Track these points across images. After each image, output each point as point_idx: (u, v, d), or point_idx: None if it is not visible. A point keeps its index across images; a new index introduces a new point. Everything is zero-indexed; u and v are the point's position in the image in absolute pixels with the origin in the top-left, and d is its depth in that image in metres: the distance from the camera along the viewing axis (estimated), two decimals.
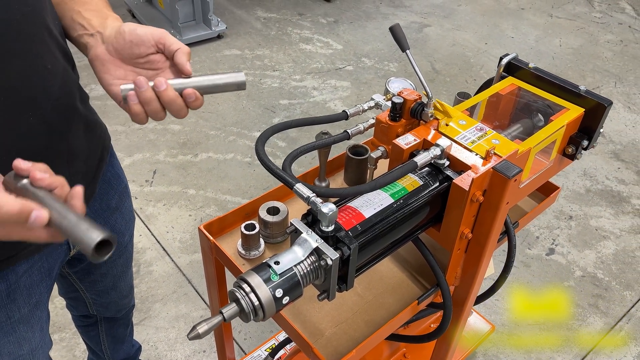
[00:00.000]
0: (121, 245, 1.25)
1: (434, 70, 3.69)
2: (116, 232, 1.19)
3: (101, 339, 1.55)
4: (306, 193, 0.87)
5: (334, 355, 0.99)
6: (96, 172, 1.05)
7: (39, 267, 1.00)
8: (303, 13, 4.32)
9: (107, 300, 1.40)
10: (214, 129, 3.02)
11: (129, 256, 1.34)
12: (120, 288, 1.40)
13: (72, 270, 1.24)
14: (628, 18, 4.50)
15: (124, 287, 1.42)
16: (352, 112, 1.14)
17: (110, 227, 1.16)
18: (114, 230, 1.18)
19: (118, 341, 1.60)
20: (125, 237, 1.25)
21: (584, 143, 1.17)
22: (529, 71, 1.23)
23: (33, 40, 0.82)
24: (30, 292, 1.00)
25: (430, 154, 0.97)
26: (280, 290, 0.83)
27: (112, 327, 1.54)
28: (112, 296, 1.40)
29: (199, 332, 0.78)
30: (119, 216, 1.18)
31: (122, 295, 1.43)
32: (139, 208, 2.50)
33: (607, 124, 3.24)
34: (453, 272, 1.12)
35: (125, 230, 1.24)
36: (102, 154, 1.07)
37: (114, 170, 1.14)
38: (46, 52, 0.85)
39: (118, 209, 1.17)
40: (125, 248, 1.28)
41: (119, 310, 1.48)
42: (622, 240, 2.47)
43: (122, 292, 1.42)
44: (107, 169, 1.11)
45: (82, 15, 0.90)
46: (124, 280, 1.38)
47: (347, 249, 0.84)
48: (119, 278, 1.36)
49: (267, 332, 1.98)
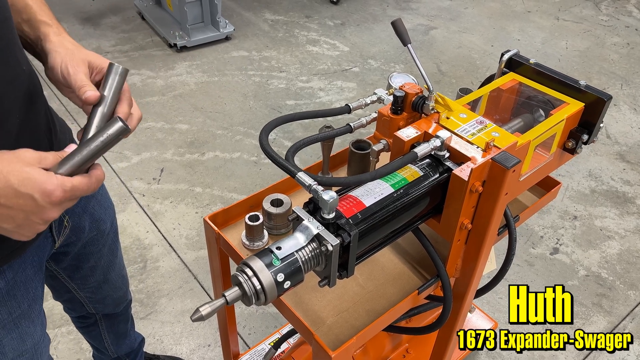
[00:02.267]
0: (103, 233, 1.25)
1: (440, 71, 3.70)
2: (95, 219, 1.19)
3: (103, 337, 1.57)
4: (308, 181, 0.89)
5: (335, 342, 1.01)
6: None
7: (31, 262, 1.01)
8: (310, 15, 4.36)
9: (102, 295, 1.40)
10: (221, 128, 3.05)
11: (114, 245, 1.33)
12: (112, 280, 1.39)
13: (60, 266, 1.23)
14: (635, 21, 4.49)
15: (116, 279, 1.41)
16: (354, 105, 1.16)
17: (89, 214, 1.16)
18: (93, 217, 1.18)
19: (120, 336, 1.61)
20: (106, 224, 1.24)
21: (584, 137, 1.19)
22: (530, 67, 1.25)
23: (15, 45, 0.84)
24: (27, 286, 1.01)
25: (430, 145, 0.99)
26: (282, 275, 0.85)
27: (112, 324, 1.55)
28: (105, 290, 1.40)
29: (202, 314, 0.80)
30: (96, 203, 1.19)
31: (115, 287, 1.43)
32: (147, 205, 2.53)
33: (613, 126, 3.24)
34: (453, 263, 1.13)
35: (106, 217, 1.24)
36: None
37: None
38: (22, 57, 0.87)
39: (93, 196, 1.17)
40: (108, 236, 1.28)
41: (117, 304, 1.48)
42: (626, 240, 2.47)
43: (114, 284, 1.41)
44: None
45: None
46: (113, 270, 1.38)
47: (347, 236, 0.86)
48: (108, 269, 1.35)
49: (271, 327, 2.00)
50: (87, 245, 1.22)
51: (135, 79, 3.45)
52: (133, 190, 2.61)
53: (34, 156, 0.73)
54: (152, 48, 3.80)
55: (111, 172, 2.72)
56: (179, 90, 3.37)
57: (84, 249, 1.22)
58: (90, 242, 1.21)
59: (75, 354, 1.91)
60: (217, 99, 3.31)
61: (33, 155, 0.73)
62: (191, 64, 3.64)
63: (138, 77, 3.46)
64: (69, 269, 1.26)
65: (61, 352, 1.91)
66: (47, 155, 0.75)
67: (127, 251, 2.29)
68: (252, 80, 3.49)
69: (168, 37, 3.76)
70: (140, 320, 2.02)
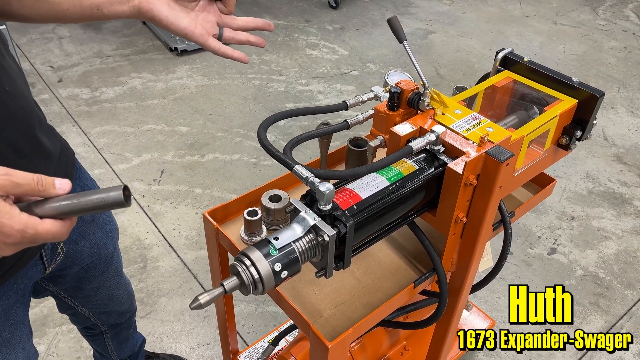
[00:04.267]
0: (106, 257, 1.24)
1: (439, 75, 3.73)
2: (96, 244, 1.18)
3: (107, 345, 1.57)
4: (305, 174, 0.91)
5: (332, 334, 1.02)
6: None
7: (15, 289, 0.99)
8: (310, 20, 4.39)
9: (107, 310, 1.40)
10: (221, 130, 3.07)
11: (118, 266, 1.33)
12: (117, 297, 1.39)
13: (58, 288, 1.22)
14: (632, 25, 4.53)
15: (121, 296, 1.41)
16: (351, 102, 1.18)
17: (88, 239, 1.16)
18: (93, 242, 1.17)
19: (123, 342, 1.61)
20: (108, 248, 1.23)
21: (578, 134, 1.20)
22: (525, 65, 1.27)
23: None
24: (8, 315, 1.00)
25: (425, 140, 1.01)
26: (279, 265, 0.86)
27: (117, 333, 1.55)
28: (110, 306, 1.39)
29: (200, 302, 0.82)
30: (96, 228, 1.18)
31: (120, 303, 1.43)
32: (147, 206, 2.55)
33: (611, 128, 3.26)
34: (449, 257, 1.15)
35: (108, 242, 1.23)
36: (69, 170, 1.06)
37: (83, 183, 1.13)
38: (3, 73, 0.83)
39: (94, 221, 1.16)
40: (112, 259, 1.27)
41: (121, 315, 1.48)
42: (623, 240, 2.49)
43: (120, 300, 1.41)
44: (74, 184, 1.04)
45: None
46: (118, 289, 1.38)
47: (343, 227, 0.88)
48: (113, 289, 1.35)
49: (270, 325, 2.02)
50: (89, 270, 1.21)
51: (136, 82, 3.48)
52: (133, 191, 2.63)
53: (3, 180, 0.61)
54: (153, 52, 3.83)
55: (112, 173, 2.74)
56: (180, 93, 3.40)
57: (85, 273, 1.21)
58: (91, 266, 1.20)
59: (75, 352, 1.92)
60: (217, 101, 3.33)
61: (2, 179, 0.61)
62: (191, 67, 3.67)
63: (139, 81, 3.49)
64: (70, 290, 1.25)
65: (62, 351, 1.92)
66: (22, 181, 0.63)
67: (127, 251, 2.31)
68: (252, 84, 3.52)
69: (169, 41, 3.80)
70: (140, 319, 2.03)
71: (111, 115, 3.16)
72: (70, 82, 3.45)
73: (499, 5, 4.79)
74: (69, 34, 3.95)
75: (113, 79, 3.47)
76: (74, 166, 1.09)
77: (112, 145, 2.93)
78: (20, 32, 3.95)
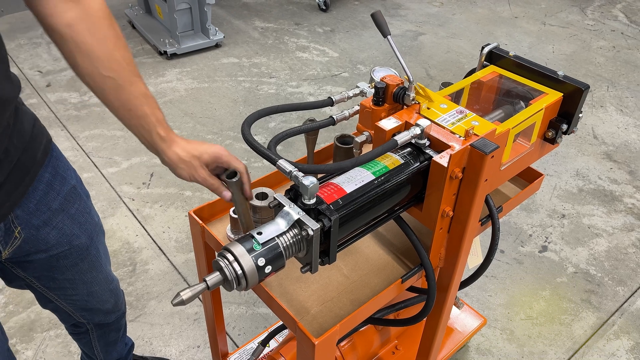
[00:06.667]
0: (79, 248, 1.21)
1: (429, 76, 3.74)
2: (65, 234, 1.15)
3: (93, 345, 1.55)
4: (288, 168, 0.90)
5: (319, 331, 1.01)
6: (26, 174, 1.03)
7: None
8: (300, 23, 4.39)
9: (88, 307, 1.37)
10: (211, 133, 3.06)
11: (96, 261, 1.29)
12: (98, 294, 1.35)
13: (29, 275, 1.20)
14: (621, 25, 4.56)
15: (102, 293, 1.37)
16: (337, 98, 1.18)
17: (55, 227, 1.13)
18: (62, 231, 1.14)
19: (110, 345, 1.58)
20: (81, 239, 1.20)
21: (564, 127, 1.20)
22: (510, 59, 1.27)
23: None
24: None
25: (410, 133, 1.01)
26: (263, 260, 0.85)
27: (103, 333, 1.53)
28: (91, 303, 1.36)
29: (182, 299, 0.81)
30: (66, 217, 1.14)
31: (102, 301, 1.39)
32: (136, 209, 2.53)
33: (600, 126, 3.27)
34: (437, 252, 1.14)
35: (80, 234, 1.19)
36: (41, 157, 1.06)
37: (55, 171, 1.11)
38: None
39: (63, 210, 1.13)
40: (88, 251, 1.24)
41: (107, 314, 1.45)
42: (614, 237, 2.49)
43: (101, 297, 1.37)
44: (44, 171, 1.07)
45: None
46: (98, 285, 1.33)
47: (328, 221, 0.87)
48: (91, 284, 1.31)
49: (260, 327, 2.00)
50: (60, 259, 1.18)
51: None
52: (123, 194, 2.61)
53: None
54: (142, 56, 3.81)
55: (101, 177, 2.72)
56: (169, 96, 3.38)
57: (56, 262, 1.19)
58: (62, 255, 1.18)
59: (63, 357, 1.89)
60: (207, 104, 3.32)
61: None
62: (181, 70, 3.65)
63: None
64: (42, 280, 1.23)
65: (49, 356, 1.89)
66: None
67: (116, 255, 2.28)
68: (242, 86, 3.51)
69: (158, 44, 3.78)
70: (130, 323, 2.01)
71: (100, 119, 3.14)
72: (58, 86, 3.43)
73: (488, 6, 4.81)
74: None
75: None
76: (46, 154, 1.08)
77: (101, 149, 2.91)
78: (9, 37, 3.92)
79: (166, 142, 1.03)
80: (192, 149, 1.04)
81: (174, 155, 1.03)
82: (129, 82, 0.98)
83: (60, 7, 0.91)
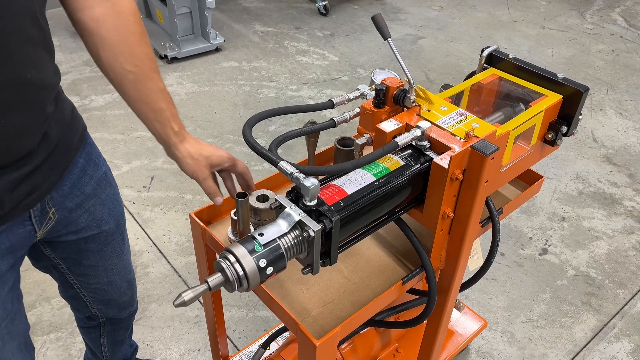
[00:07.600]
0: (106, 233, 1.25)
1: (428, 79, 3.75)
2: (95, 218, 1.20)
3: (101, 341, 1.56)
4: (290, 169, 0.90)
5: (320, 332, 1.01)
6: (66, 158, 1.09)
7: (5, 249, 1.00)
8: (300, 27, 4.41)
9: (106, 298, 1.40)
10: (211, 136, 3.07)
11: (118, 247, 1.32)
12: (117, 284, 1.39)
13: (58, 255, 1.23)
14: (620, 29, 4.58)
15: (121, 283, 1.40)
16: (338, 101, 1.18)
17: (87, 211, 1.17)
18: (93, 215, 1.19)
19: (117, 343, 1.60)
20: (109, 224, 1.25)
21: (563, 129, 1.21)
22: (510, 62, 1.28)
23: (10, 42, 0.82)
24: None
25: (410, 135, 1.01)
26: (264, 261, 0.86)
27: (114, 330, 1.54)
28: (109, 293, 1.39)
29: (184, 299, 0.81)
30: (98, 202, 1.19)
31: (120, 292, 1.42)
32: (137, 212, 2.53)
33: (600, 130, 3.28)
34: (437, 254, 1.14)
35: (109, 218, 1.24)
36: (77, 144, 1.12)
37: (89, 157, 1.17)
38: (26, 59, 0.86)
39: (95, 195, 1.18)
40: (112, 236, 1.27)
41: (121, 309, 1.47)
42: (614, 240, 2.49)
43: (119, 288, 1.40)
44: (79, 157, 1.13)
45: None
46: (117, 273, 1.37)
47: (329, 222, 0.87)
48: (112, 271, 1.35)
49: (261, 330, 2.00)
50: (88, 242, 1.23)
51: None
52: (123, 198, 2.61)
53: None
54: None
55: None
56: None
57: (84, 244, 1.22)
58: (90, 239, 1.22)
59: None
60: (207, 108, 3.33)
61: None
62: (182, 74, 3.66)
63: None
64: (68, 261, 1.26)
65: (50, 359, 1.89)
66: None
67: None
68: (242, 90, 3.51)
69: (158, 48, 3.79)
70: None
71: (101, 123, 3.14)
72: None
73: (488, 10, 4.83)
74: (59, 43, 3.94)
75: (103, 86, 3.45)
76: (82, 142, 1.15)
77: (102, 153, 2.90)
78: None
79: (179, 136, 1.08)
80: (203, 149, 1.09)
81: (185, 150, 1.08)
82: (149, 77, 1.03)
83: (90, 2, 0.96)
